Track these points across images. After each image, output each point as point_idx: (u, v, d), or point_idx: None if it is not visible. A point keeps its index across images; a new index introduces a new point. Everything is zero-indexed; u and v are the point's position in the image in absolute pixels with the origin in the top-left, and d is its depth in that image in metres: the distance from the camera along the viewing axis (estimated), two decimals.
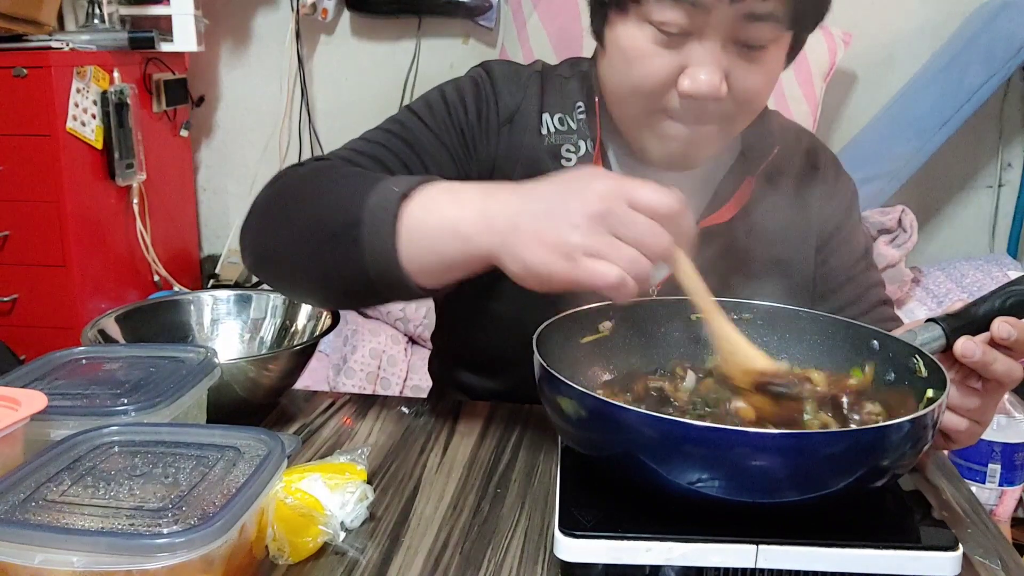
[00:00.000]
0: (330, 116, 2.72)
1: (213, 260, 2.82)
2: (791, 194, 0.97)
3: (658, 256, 0.66)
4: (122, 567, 0.52)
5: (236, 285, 2.65)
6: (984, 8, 2.25)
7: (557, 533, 0.61)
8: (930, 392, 0.67)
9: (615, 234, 0.65)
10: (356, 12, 2.62)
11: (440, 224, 0.71)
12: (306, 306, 0.99)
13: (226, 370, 0.81)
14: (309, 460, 0.76)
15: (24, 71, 2.09)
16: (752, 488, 0.58)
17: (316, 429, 0.88)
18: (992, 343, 0.69)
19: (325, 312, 0.96)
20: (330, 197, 0.78)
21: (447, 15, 2.55)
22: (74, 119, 2.16)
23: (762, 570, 0.60)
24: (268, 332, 1.00)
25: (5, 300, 2.23)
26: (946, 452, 0.88)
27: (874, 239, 2.12)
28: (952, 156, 2.43)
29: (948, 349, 0.71)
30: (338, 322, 0.93)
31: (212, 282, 2.75)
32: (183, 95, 2.62)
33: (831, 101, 2.45)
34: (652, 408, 0.69)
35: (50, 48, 2.13)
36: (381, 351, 2.09)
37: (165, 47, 2.42)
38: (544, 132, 0.94)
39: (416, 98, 0.97)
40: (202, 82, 2.74)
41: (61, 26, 2.52)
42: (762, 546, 0.59)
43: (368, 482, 0.72)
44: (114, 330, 0.92)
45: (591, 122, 0.93)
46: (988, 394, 0.72)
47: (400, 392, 2.04)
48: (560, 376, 0.63)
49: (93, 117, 2.22)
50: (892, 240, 2.12)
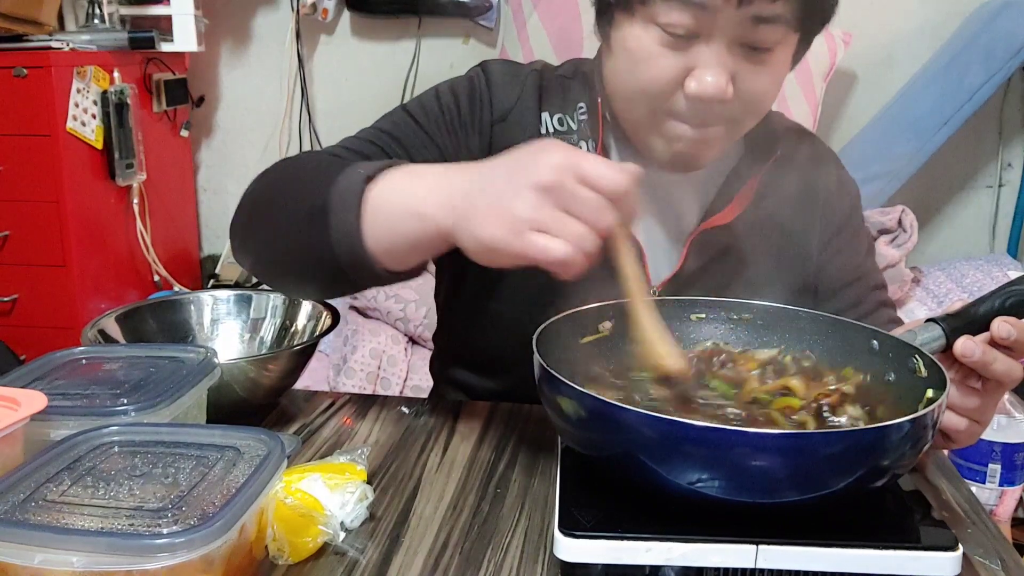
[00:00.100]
0: (330, 116, 2.72)
1: (213, 260, 2.82)
2: (794, 196, 0.97)
3: (605, 233, 0.64)
4: (122, 567, 0.52)
5: (236, 285, 2.65)
6: (984, 8, 2.25)
7: (557, 533, 0.60)
8: (930, 392, 0.67)
9: (564, 209, 0.63)
10: (356, 12, 2.62)
11: (402, 203, 0.71)
12: (306, 306, 0.99)
13: (226, 370, 0.81)
14: (309, 460, 0.76)
15: (24, 71, 2.09)
16: (752, 488, 0.58)
17: (316, 429, 0.88)
18: (992, 343, 0.69)
19: (325, 312, 0.96)
20: (305, 186, 0.79)
21: (447, 15, 2.55)
22: (74, 119, 2.16)
23: (762, 570, 0.60)
24: (268, 332, 1.00)
25: (5, 300, 2.23)
26: (946, 452, 0.88)
27: (874, 239, 2.12)
28: (952, 156, 2.43)
29: (948, 349, 0.71)
30: (338, 322, 0.93)
31: (212, 282, 2.75)
32: (183, 95, 2.62)
33: (831, 101, 2.45)
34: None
35: (50, 48, 2.13)
36: (381, 351, 2.08)
37: (165, 47, 2.42)
38: (543, 132, 0.93)
39: (412, 98, 0.97)
40: (202, 82, 2.74)
41: (61, 26, 2.52)
42: (762, 546, 0.59)
43: (368, 482, 0.72)
44: (114, 330, 0.92)
45: (593, 123, 0.93)
46: (988, 394, 0.72)
47: (400, 392, 2.04)
48: (560, 376, 0.63)
49: (93, 117, 2.22)
50: (892, 240, 2.12)
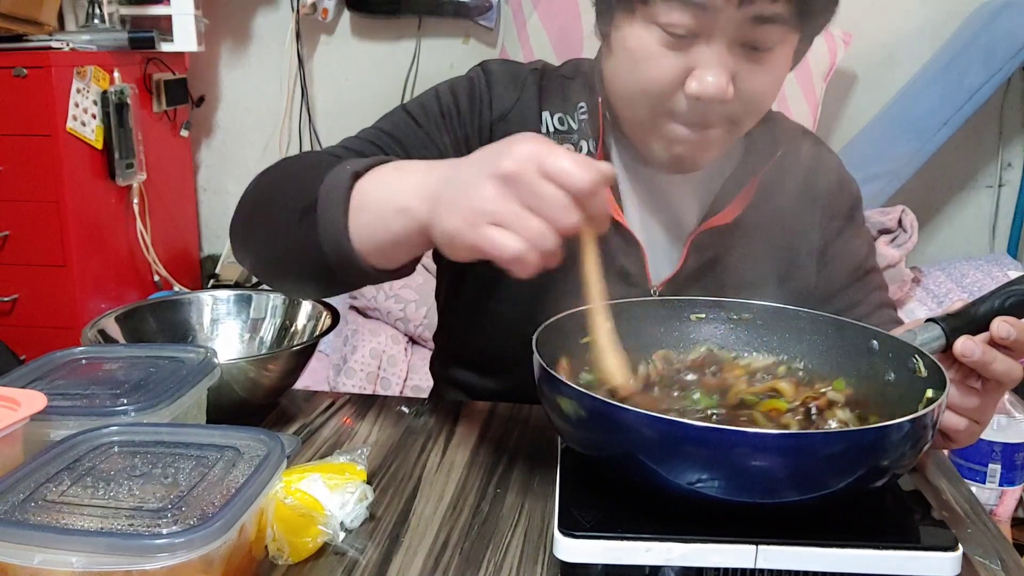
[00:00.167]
0: (330, 116, 2.72)
1: (213, 260, 2.82)
2: (794, 196, 0.97)
3: (567, 233, 0.61)
4: (121, 567, 0.52)
5: (236, 285, 2.65)
6: (984, 8, 2.25)
7: (557, 533, 0.60)
8: (930, 392, 0.67)
9: (524, 204, 0.60)
10: (356, 12, 2.62)
11: (386, 198, 0.70)
12: (306, 306, 0.99)
13: (226, 370, 0.81)
14: (309, 460, 0.76)
15: (24, 71, 2.09)
16: (752, 488, 0.58)
17: (316, 429, 0.88)
18: (992, 343, 0.69)
19: (325, 312, 0.96)
20: (298, 184, 0.78)
21: (447, 15, 2.55)
22: (74, 119, 2.16)
23: (762, 570, 0.60)
24: (268, 332, 1.00)
25: (5, 300, 2.23)
26: (946, 452, 0.88)
27: (874, 239, 2.12)
28: (952, 156, 2.43)
29: (948, 349, 0.71)
30: (338, 322, 0.93)
31: (212, 282, 2.75)
32: (183, 95, 2.62)
33: (831, 101, 2.45)
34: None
35: (50, 48, 2.13)
36: (381, 351, 2.08)
37: (165, 47, 2.42)
38: (544, 131, 0.93)
39: (412, 98, 0.97)
40: (202, 82, 2.74)
41: (61, 26, 2.52)
42: (762, 546, 0.59)
43: (368, 482, 0.72)
44: (114, 330, 0.92)
45: (593, 123, 0.93)
46: (988, 394, 0.72)
47: (400, 392, 2.04)
48: (560, 376, 0.63)
49: (93, 117, 2.22)
50: (892, 240, 2.12)
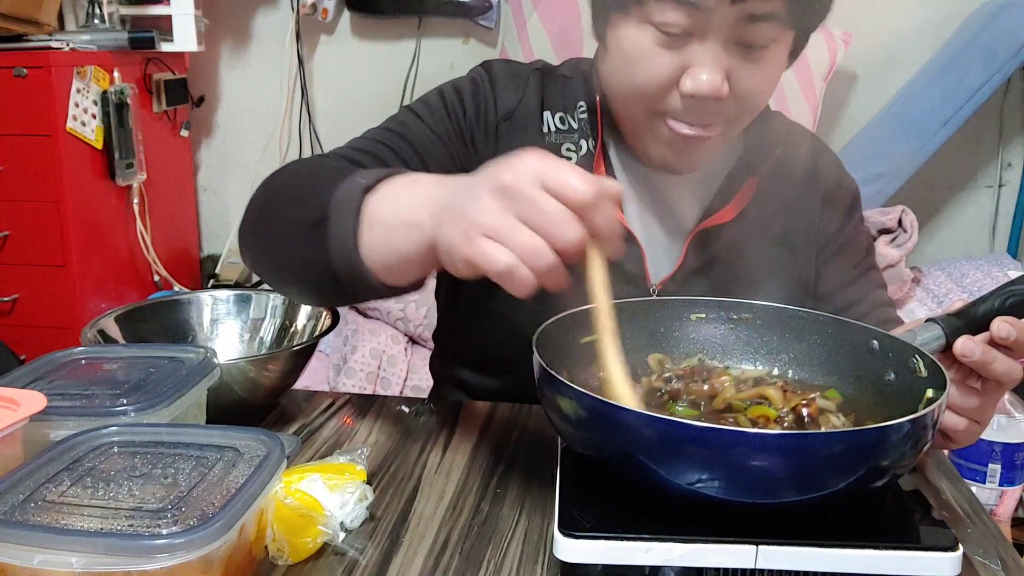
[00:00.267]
0: (330, 116, 2.72)
1: (213, 260, 2.82)
2: (793, 195, 0.97)
3: (568, 250, 0.58)
4: (121, 568, 0.52)
5: (236, 285, 2.65)
6: (984, 8, 2.25)
7: (557, 533, 0.60)
8: (930, 392, 0.66)
9: (520, 217, 0.58)
10: (356, 12, 2.62)
11: (396, 214, 0.68)
12: (306, 306, 0.98)
13: (226, 370, 0.80)
14: (309, 460, 0.76)
15: (24, 71, 2.09)
16: (752, 488, 0.58)
17: (316, 429, 0.88)
18: (992, 343, 0.69)
19: (325, 312, 0.96)
20: (308, 192, 0.76)
21: (447, 15, 2.55)
22: (74, 119, 2.16)
23: (762, 570, 0.60)
24: (268, 332, 1.00)
25: (5, 300, 2.23)
26: (946, 452, 0.88)
27: (874, 239, 2.12)
28: (952, 156, 2.43)
29: (948, 349, 0.71)
30: (338, 322, 0.93)
31: (212, 282, 2.75)
32: (183, 95, 2.62)
33: (831, 101, 2.44)
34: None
35: (50, 48, 2.13)
36: (381, 351, 2.08)
37: (165, 47, 2.42)
38: (545, 130, 0.94)
39: (416, 99, 0.97)
40: (202, 82, 2.74)
41: (61, 26, 2.52)
42: (762, 546, 0.59)
43: (368, 482, 0.72)
44: (114, 330, 0.92)
45: (593, 122, 0.93)
46: (988, 394, 0.72)
47: (400, 392, 2.04)
48: (560, 376, 0.63)
49: (93, 117, 2.22)
50: (892, 240, 2.12)
